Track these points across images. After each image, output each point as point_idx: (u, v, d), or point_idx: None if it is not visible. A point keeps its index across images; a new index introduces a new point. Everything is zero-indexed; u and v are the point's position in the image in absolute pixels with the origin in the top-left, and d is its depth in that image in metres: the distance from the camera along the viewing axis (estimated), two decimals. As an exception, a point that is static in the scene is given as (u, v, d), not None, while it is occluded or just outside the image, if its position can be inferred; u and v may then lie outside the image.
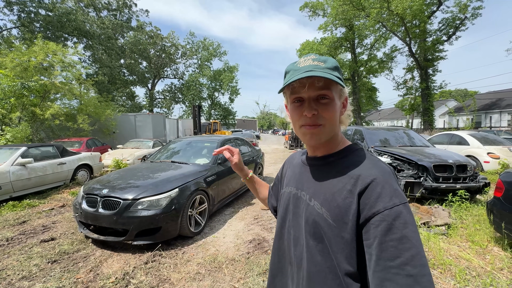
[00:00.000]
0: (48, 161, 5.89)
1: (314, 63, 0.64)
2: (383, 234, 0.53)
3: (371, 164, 0.63)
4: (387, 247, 0.52)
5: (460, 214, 3.96)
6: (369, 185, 0.57)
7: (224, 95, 43.21)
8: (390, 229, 0.52)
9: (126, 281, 2.48)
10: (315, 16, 26.96)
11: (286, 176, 0.85)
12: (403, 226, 0.52)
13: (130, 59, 29.74)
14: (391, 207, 0.54)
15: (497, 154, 7.07)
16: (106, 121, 14.12)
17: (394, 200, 0.55)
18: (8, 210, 4.57)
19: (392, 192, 0.56)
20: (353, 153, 0.68)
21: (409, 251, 0.50)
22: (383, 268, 0.51)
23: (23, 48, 11.82)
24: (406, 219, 0.53)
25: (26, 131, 8.91)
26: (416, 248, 0.51)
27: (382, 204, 0.55)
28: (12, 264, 2.80)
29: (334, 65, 0.65)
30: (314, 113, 0.63)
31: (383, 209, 0.54)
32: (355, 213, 0.57)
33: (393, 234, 0.52)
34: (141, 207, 3.06)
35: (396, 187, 0.58)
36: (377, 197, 0.56)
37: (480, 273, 2.56)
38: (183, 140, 5.56)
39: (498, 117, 25.73)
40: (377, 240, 0.53)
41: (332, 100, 0.64)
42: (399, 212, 0.53)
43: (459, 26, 20.10)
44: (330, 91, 0.63)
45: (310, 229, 0.65)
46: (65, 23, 21.04)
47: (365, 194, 0.57)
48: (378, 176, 0.58)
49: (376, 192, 0.56)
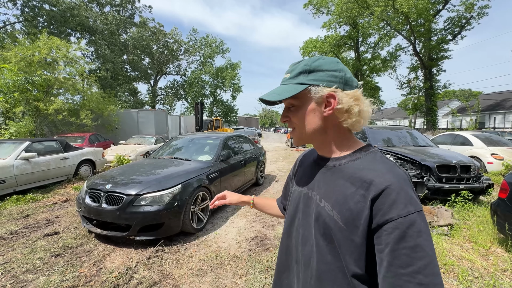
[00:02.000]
0: (52, 155, 5.92)
1: (284, 76, 0.71)
2: (395, 242, 0.52)
3: (386, 169, 0.61)
4: (399, 255, 0.52)
5: (463, 215, 3.94)
6: (383, 191, 0.56)
7: (226, 92, 43.11)
8: (404, 237, 0.52)
9: (129, 276, 2.50)
10: (319, 14, 26.74)
11: (297, 175, 0.84)
12: (417, 234, 0.52)
13: (133, 55, 29.72)
14: (405, 215, 0.53)
15: (501, 155, 7.02)
16: (109, 117, 14.18)
17: (409, 208, 0.54)
18: (12, 204, 4.60)
19: (407, 200, 0.55)
20: (366, 156, 0.66)
21: (422, 260, 0.50)
22: (394, 275, 0.52)
23: (26, 43, 11.85)
24: (420, 228, 0.52)
25: (30, 125, 8.95)
26: (430, 257, 0.51)
27: (396, 211, 0.54)
28: (16, 257, 2.82)
29: (300, 70, 0.67)
30: (285, 120, 0.72)
31: (397, 217, 0.53)
32: (367, 218, 0.57)
33: (406, 242, 0.51)
34: (144, 203, 3.07)
35: (411, 194, 0.56)
36: (391, 204, 0.55)
37: (483, 274, 2.55)
38: (185, 137, 5.56)
39: (502, 118, 25.50)
40: (389, 247, 0.53)
41: (298, 106, 0.68)
42: (413, 221, 0.53)
43: (464, 25, 19.88)
44: (296, 99, 0.67)
45: (320, 230, 0.65)
46: (68, 18, 21.05)
47: (378, 200, 0.56)
48: (393, 182, 0.57)
49: (391, 199, 0.55)
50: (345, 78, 0.65)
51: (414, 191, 0.58)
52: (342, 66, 0.67)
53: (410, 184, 0.58)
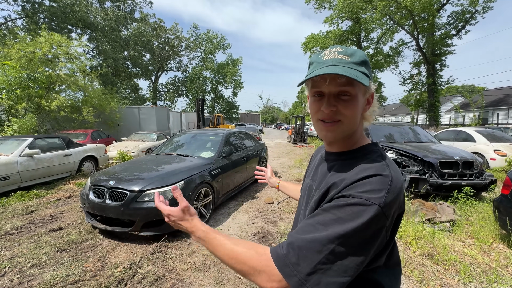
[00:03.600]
0: (55, 152, 5.96)
1: (339, 56, 0.62)
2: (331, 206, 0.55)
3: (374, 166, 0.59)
4: (325, 214, 0.55)
5: (465, 211, 3.95)
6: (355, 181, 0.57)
7: (227, 88, 43.00)
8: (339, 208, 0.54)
9: (134, 270, 2.54)
10: (321, 9, 26.43)
11: (308, 169, 0.89)
12: (351, 214, 0.52)
13: (134, 51, 29.61)
14: (356, 196, 0.54)
15: (504, 152, 6.98)
16: (111, 113, 14.20)
17: (363, 194, 0.53)
18: (17, 200, 4.66)
19: (368, 189, 0.54)
20: (366, 155, 0.64)
21: (334, 228, 0.52)
22: (308, 222, 0.56)
23: (28, 39, 11.82)
24: (359, 214, 0.52)
25: (32, 122, 8.99)
26: (344, 233, 0.51)
27: (351, 191, 0.55)
28: (22, 252, 2.87)
29: (361, 59, 0.62)
30: (332, 109, 0.62)
31: (348, 195, 0.55)
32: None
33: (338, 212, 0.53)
34: (148, 199, 3.10)
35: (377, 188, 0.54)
36: (353, 186, 0.56)
37: (485, 269, 2.57)
38: (187, 133, 5.57)
39: (505, 114, 25.27)
40: (324, 206, 0.57)
41: (353, 97, 0.62)
42: (359, 204, 0.53)
43: (469, 20, 19.62)
44: (353, 88, 0.61)
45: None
46: (68, 14, 20.98)
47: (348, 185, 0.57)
48: (370, 175, 0.56)
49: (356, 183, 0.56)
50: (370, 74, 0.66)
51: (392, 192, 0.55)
52: None
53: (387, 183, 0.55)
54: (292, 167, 8.24)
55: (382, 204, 0.52)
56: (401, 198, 0.58)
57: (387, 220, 0.54)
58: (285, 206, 4.53)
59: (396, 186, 0.56)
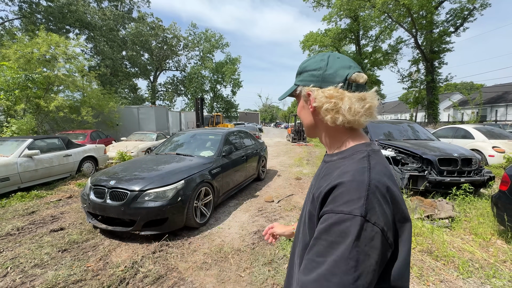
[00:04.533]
0: (54, 153, 5.96)
1: None
2: (320, 232, 0.54)
3: (353, 169, 0.59)
4: (318, 244, 0.54)
5: (464, 208, 3.98)
6: (333, 188, 0.57)
7: (226, 87, 42.94)
8: (327, 231, 0.53)
9: (135, 269, 2.55)
10: (319, 7, 26.39)
11: None
12: (339, 234, 0.51)
13: (132, 51, 29.50)
14: (336, 212, 0.53)
15: (502, 148, 7.01)
16: (110, 114, 14.18)
17: (343, 208, 0.52)
18: (17, 201, 4.66)
19: (346, 200, 0.53)
20: (351, 156, 0.65)
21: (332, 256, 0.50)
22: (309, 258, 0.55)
23: (25, 40, 11.78)
24: (345, 230, 0.50)
25: (31, 123, 8.97)
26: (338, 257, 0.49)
27: (331, 206, 0.55)
28: (24, 252, 2.88)
29: (297, 72, 0.76)
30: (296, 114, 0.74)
31: (330, 211, 0.54)
32: (319, 210, 0.60)
33: (327, 236, 0.52)
34: (148, 198, 3.11)
35: (356, 198, 0.53)
36: (332, 199, 0.56)
37: (483, 265, 2.59)
38: (187, 132, 5.58)
39: (504, 111, 25.36)
40: (316, 233, 0.56)
41: (298, 103, 0.79)
42: (342, 221, 0.51)
43: (467, 17, 19.64)
44: (296, 98, 0.79)
45: (304, 219, 0.70)
46: (66, 14, 20.87)
47: (329, 195, 0.57)
48: (346, 182, 0.56)
49: (334, 194, 0.56)
50: (323, 76, 0.68)
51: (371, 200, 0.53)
52: (327, 62, 0.68)
53: (365, 189, 0.54)
54: (291, 166, 8.26)
55: (364, 213, 0.51)
56: (392, 202, 0.55)
57: (379, 228, 0.51)
58: (285, 204, 4.55)
59: (376, 190, 0.54)
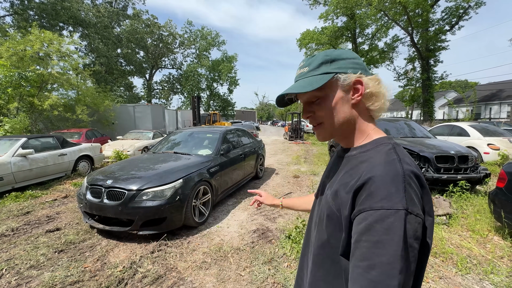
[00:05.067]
0: (49, 152, 5.87)
1: (299, 71, 0.69)
2: (360, 233, 0.52)
3: (382, 161, 0.58)
4: (360, 247, 0.51)
5: (461, 204, 4.01)
6: (365, 183, 0.55)
7: (223, 86, 42.81)
8: (368, 230, 0.50)
9: (134, 269, 2.52)
10: (316, 5, 26.40)
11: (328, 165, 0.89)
12: (384, 231, 0.49)
13: (127, 48, 29.20)
14: (377, 208, 0.51)
15: (497, 145, 7.09)
16: (105, 112, 14.03)
17: (383, 203, 0.51)
18: (11, 201, 4.58)
19: (385, 194, 0.52)
20: (376, 148, 0.64)
21: (380, 257, 0.48)
22: (353, 265, 0.52)
23: (18, 37, 11.55)
24: (391, 226, 0.49)
25: (25, 122, 8.83)
26: (391, 257, 0.47)
27: (369, 203, 0.52)
28: (19, 253, 2.82)
29: (320, 61, 0.66)
30: (309, 116, 0.69)
31: (368, 208, 0.52)
32: (350, 208, 0.57)
33: (370, 236, 0.50)
34: (146, 198, 3.07)
35: (394, 190, 0.52)
36: (367, 196, 0.54)
37: (481, 261, 2.62)
38: (184, 131, 5.53)
39: (498, 108, 25.69)
40: (355, 237, 0.53)
41: (324, 98, 0.66)
42: (385, 217, 0.50)
43: (462, 15, 19.80)
44: (319, 91, 0.65)
45: (321, 214, 0.68)
46: (59, 11, 20.53)
47: (360, 191, 0.55)
48: (378, 175, 0.55)
49: (369, 190, 0.54)
50: (364, 65, 0.68)
51: (408, 190, 0.52)
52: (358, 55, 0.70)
53: (401, 180, 0.53)
54: (289, 164, 8.26)
55: (406, 206, 0.50)
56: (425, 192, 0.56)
57: (421, 218, 0.52)
58: (284, 202, 4.54)
59: (411, 181, 0.54)
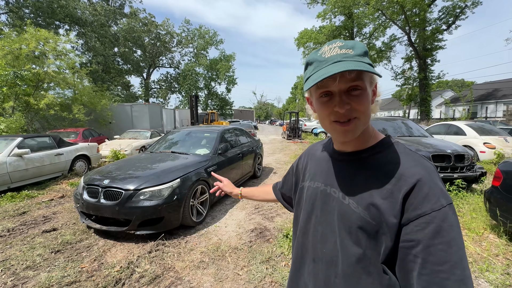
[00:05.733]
0: (45, 151, 5.82)
1: (342, 51, 0.58)
2: (430, 237, 0.50)
3: (413, 161, 0.59)
4: (435, 251, 0.50)
5: (457, 203, 4.04)
6: (415, 186, 0.54)
7: (221, 85, 42.68)
8: (439, 232, 0.50)
9: (131, 269, 2.51)
10: (313, 4, 26.36)
11: (308, 170, 0.81)
12: (450, 228, 0.51)
13: (124, 47, 28.99)
14: (438, 208, 0.52)
15: (493, 144, 7.16)
16: (102, 111, 13.93)
17: (442, 201, 0.52)
18: (7, 201, 4.54)
19: (439, 193, 0.53)
20: (388, 148, 0.63)
21: (457, 254, 0.49)
22: (430, 272, 0.50)
23: (13, 35, 11.42)
24: (452, 221, 0.51)
25: (21, 121, 8.74)
26: (462, 250, 0.50)
27: (429, 205, 0.52)
28: (15, 254, 2.80)
29: (364, 50, 0.59)
30: (347, 108, 0.58)
31: (430, 211, 0.52)
32: (398, 213, 0.54)
33: (442, 237, 0.50)
34: (143, 198, 3.06)
35: (441, 186, 0.55)
36: (424, 198, 0.53)
37: (477, 259, 2.65)
38: (181, 130, 5.51)
39: (494, 108, 25.88)
40: (423, 243, 0.51)
41: (364, 90, 0.58)
42: (447, 214, 0.51)
43: (459, 15, 19.89)
44: (362, 81, 0.58)
45: (346, 228, 0.62)
46: (55, 9, 20.32)
47: (411, 195, 0.54)
48: (424, 175, 0.55)
49: (423, 192, 0.54)
50: None
51: (443, 183, 0.57)
52: None
53: (438, 175, 0.57)
54: (287, 163, 8.27)
55: (450, 198, 0.54)
56: None
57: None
58: (282, 201, 4.54)
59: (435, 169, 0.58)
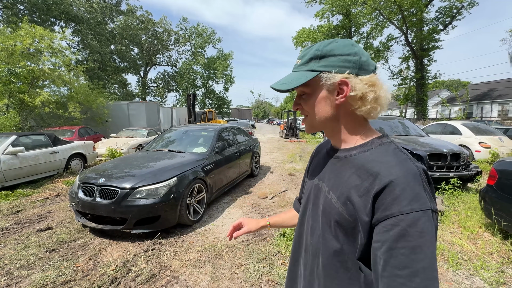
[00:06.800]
0: (40, 150, 5.75)
1: (296, 62, 0.68)
2: (394, 240, 0.49)
3: (396, 161, 0.56)
4: (397, 254, 0.49)
5: (453, 202, 4.08)
6: (386, 186, 0.52)
7: (218, 83, 42.51)
8: (403, 236, 0.49)
9: (127, 268, 2.49)
10: (312, 3, 26.30)
11: (311, 166, 0.85)
12: (418, 235, 0.48)
13: (121, 45, 28.71)
14: (407, 212, 0.49)
15: (488, 144, 7.23)
16: (98, 109, 13.81)
17: (413, 205, 0.50)
18: (1, 200, 4.48)
19: (412, 196, 0.51)
20: (378, 147, 0.62)
21: (420, 262, 0.48)
22: (390, 275, 0.49)
23: (7, 32, 11.25)
24: (423, 228, 0.49)
25: (15, 119, 8.65)
26: (429, 260, 0.48)
27: (397, 207, 0.50)
28: (9, 253, 2.77)
29: (310, 56, 0.64)
30: (297, 107, 0.71)
31: (398, 213, 0.50)
32: (370, 213, 0.54)
33: (406, 242, 0.48)
34: (140, 196, 3.04)
35: (419, 191, 0.51)
36: (393, 200, 0.51)
37: (472, 257, 2.67)
38: (179, 129, 5.48)
39: (489, 108, 26.13)
40: (386, 244, 0.50)
41: (310, 94, 0.66)
42: (417, 219, 0.49)
43: (455, 15, 19.99)
44: (307, 87, 0.65)
45: (327, 222, 0.64)
46: (51, 6, 20.03)
47: (381, 195, 0.53)
48: (399, 176, 0.53)
49: (394, 194, 0.51)
50: (360, 62, 0.61)
51: (426, 189, 0.53)
52: (358, 48, 0.62)
53: (420, 180, 0.53)
54: (285, 162, 8.28)
55: (430, 205, 0.51)
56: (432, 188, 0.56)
57: (437, 215, 0.53)
58: (279, 200, 4.55)
59: (425, 178, 0.54)
